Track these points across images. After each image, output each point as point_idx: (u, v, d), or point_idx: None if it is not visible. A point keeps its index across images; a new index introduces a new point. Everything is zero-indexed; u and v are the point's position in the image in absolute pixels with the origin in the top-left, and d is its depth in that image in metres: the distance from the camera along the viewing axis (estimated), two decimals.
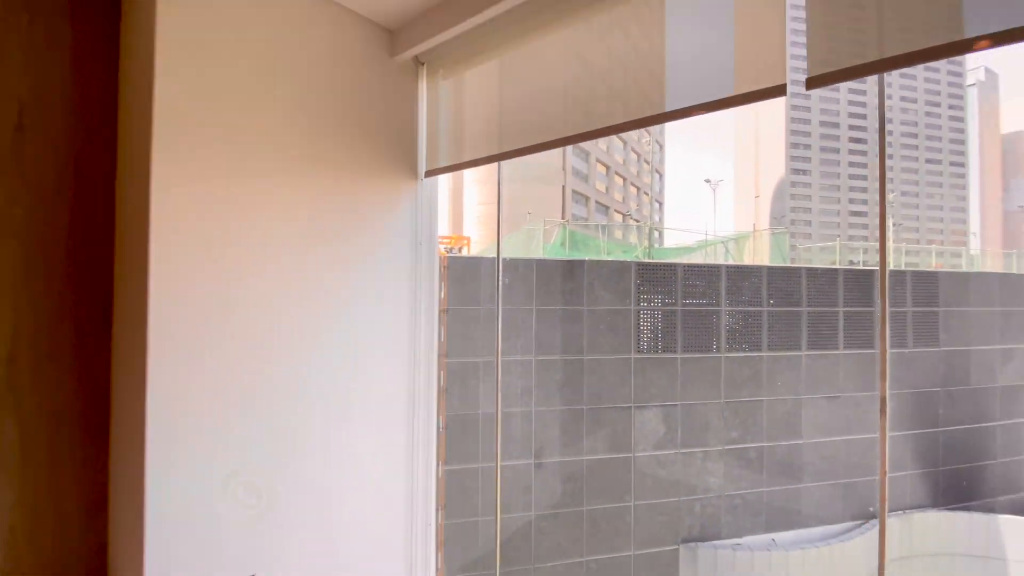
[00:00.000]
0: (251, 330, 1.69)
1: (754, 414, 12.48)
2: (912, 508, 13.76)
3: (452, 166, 2.01)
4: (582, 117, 1.60)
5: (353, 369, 1.94)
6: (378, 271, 1.99)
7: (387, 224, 2.01)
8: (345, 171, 1.91)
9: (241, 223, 1.67)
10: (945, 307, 14.05)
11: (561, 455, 10.86)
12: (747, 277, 12.77)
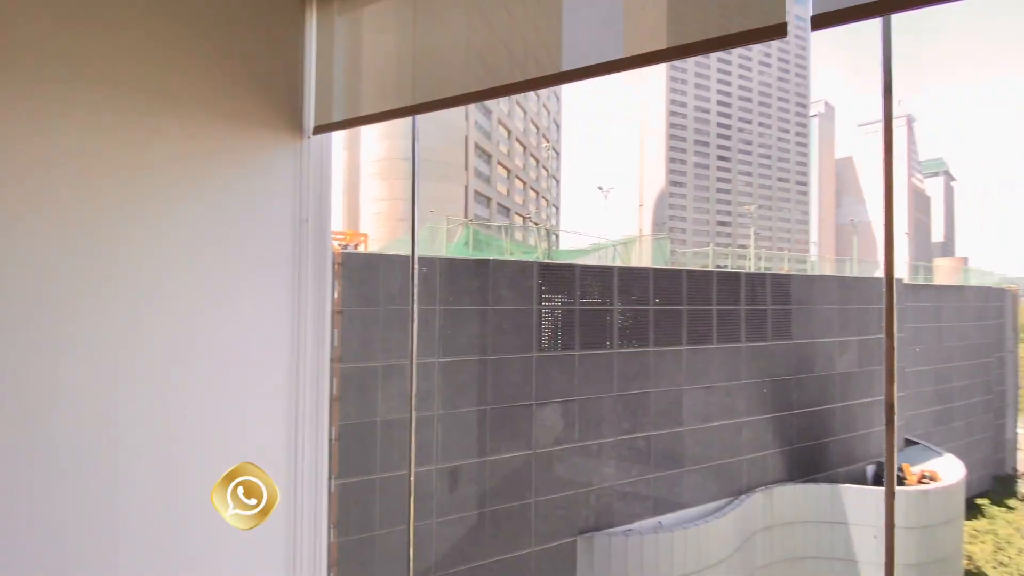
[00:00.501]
0: (41, 341, 1.22)
1: (642, 406, 13.37)
2: (773, 483, 15.75)
3: (348, 121, 1.61)
4: (493, 71, 1.41)
5: (218, 380, 1.55)
6: (249, 256, 1.55)
7: (261, 194, 1.54)
8: (204, 123, 1.42)
9: (31, 189, 1.17)
10: (796, 305, 16.30)
11: (464, 458, 10.65)
12: (636, 278, 13.63)
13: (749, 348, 15.33)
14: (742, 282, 15.47)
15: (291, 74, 1.62)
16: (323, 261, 1.69)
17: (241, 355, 1.60)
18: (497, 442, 10.98)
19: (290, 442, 1.76)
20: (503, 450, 11.10)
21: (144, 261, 1.36)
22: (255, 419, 1.67)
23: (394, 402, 9.94)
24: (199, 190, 1.44)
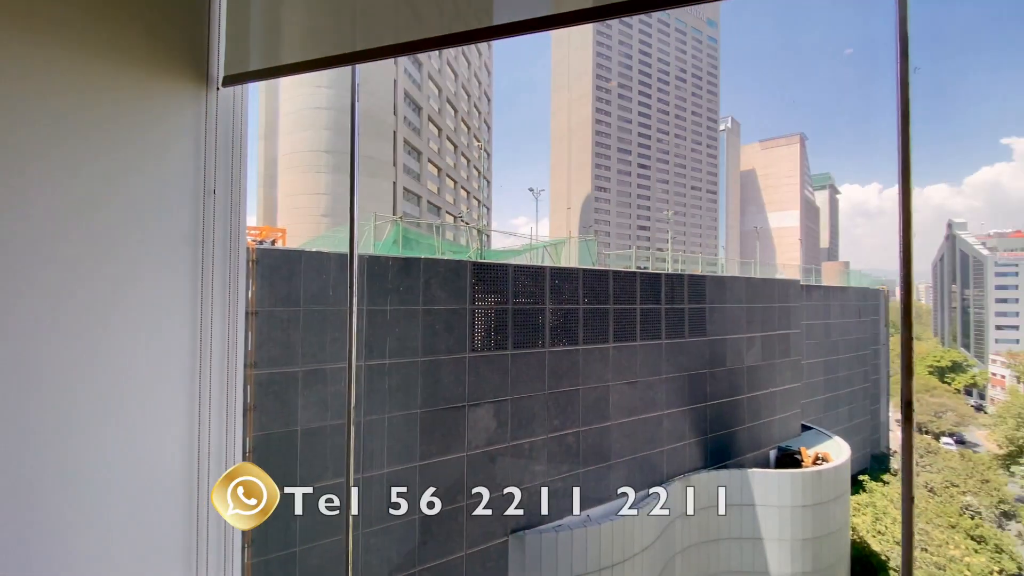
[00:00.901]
0: None
1: (572, 402, 13.65)
2: (690, 471, 16.75)
3: (269, 70, 1.31)
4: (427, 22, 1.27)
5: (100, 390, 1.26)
6: (136, 238, 1.21)
7: (152, 159, 1.20)
8: (76, 63, 1.06)
9: None
10: (709, 304, 17.47)
11: (393, 464, 10.23)
12: (567, 278, 13.90)
13: (669, 345, 16.20)
14: (662, 283, 16.31)
15: (195, 11, 1.27)
16: (235, 245, 1.38)
17: (127, 360, 1.30)
18: (429, 446, 10.68)
19: (191, 455, 1.49)
20: (435, 454, 10.81)
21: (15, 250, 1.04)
22: (147, 432, 1.39)
23: (315, 409, 9.32)
24: (68, 152, 1.09)
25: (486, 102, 61.98)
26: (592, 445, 14.04)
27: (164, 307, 1.29)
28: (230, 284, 1.44)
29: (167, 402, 1.42)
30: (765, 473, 17.65)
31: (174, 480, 1.45)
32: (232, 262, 1.40)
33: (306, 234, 31.08)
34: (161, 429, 1.41)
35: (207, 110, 1.29)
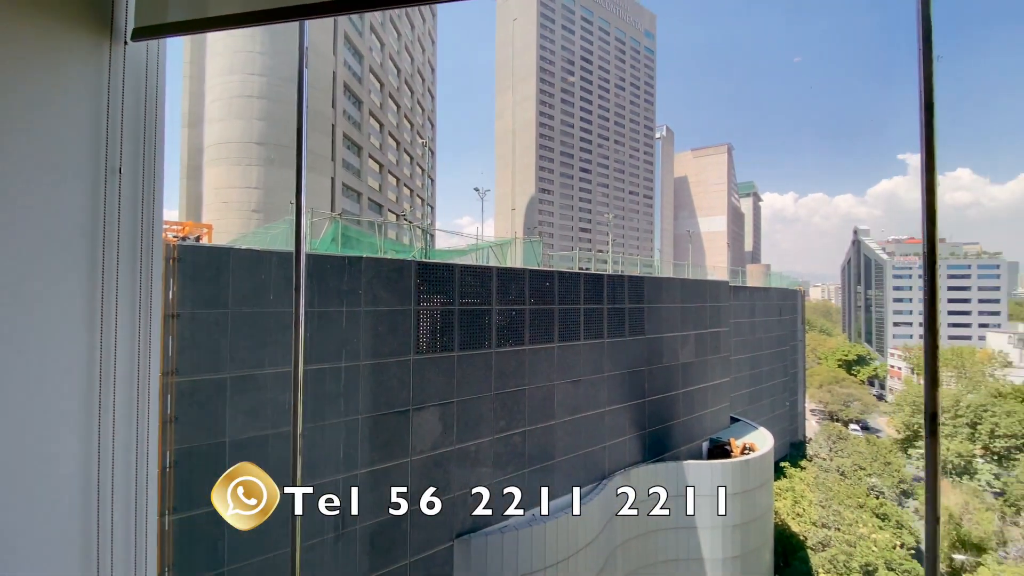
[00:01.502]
0: None
1: (518, 403, 13.67)
2: (630, 465, 17.31)
3: (192, 23, 1.02)
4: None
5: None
6: (18, 226, 0.95)
7: (40, 128, 0.94)
8: None
9: None
10: (648, 304, 18.15)
11: (334, 473, 9.75)
12: (513, 279, 13.91)
13: (610, 343, 16.65)
14: (605, 283, 16.73)
15: None
16: (148, 237, 1.14)
17: (3, 368, 1.05)
18: (371, 453, 10.27)
19: (88, 472, 1.26)
20: (378, 461, 10.42)
21: None
22: (31, 449, 1.15)
23: (247, 419, 8.69)
24: None
25: (430, 99, 61.04)
26: (538, 444, 14.13)
27: (52, 308, 1.04)
28: (141, 283, 1.23)
29: (56, 414, 1.18)
30: (698, 464, 18.59)
31: (68, 501, 1.22)
32: (144, 258, 1.17)
33: (235, 231, 29.09)
34: (46, 445, 1.17)
35: (111, 68, 1.02)
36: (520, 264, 18.63)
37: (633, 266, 36.18)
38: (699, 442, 20.77)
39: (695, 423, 20.42)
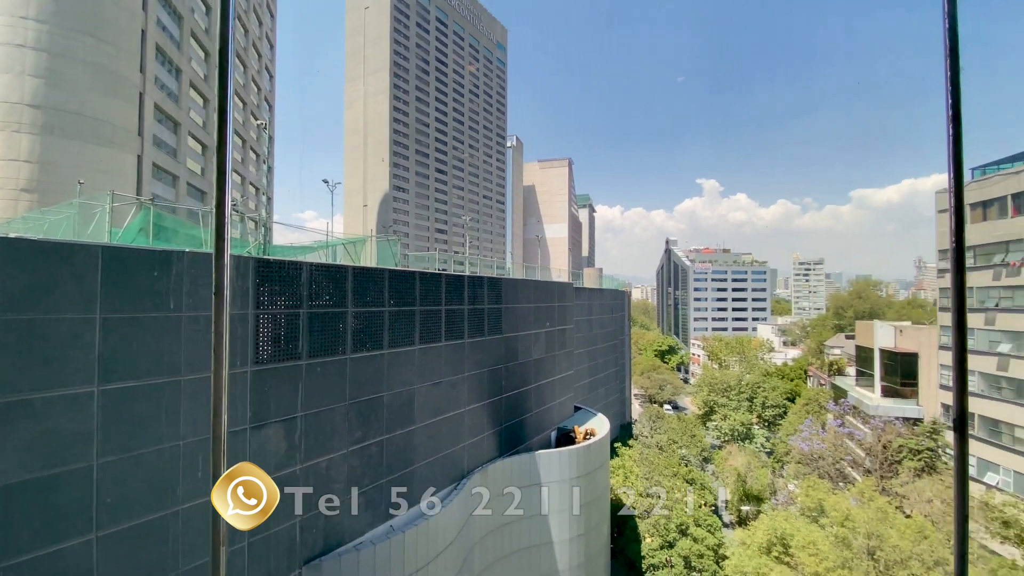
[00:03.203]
0: None
1: (376, 410, 12.96)
2: (488, 462, 17.69)
3: None
4: None
5: None
6: None
7: None
8: None
9: None
10: (506, 304, 18.80)
11: (142, 514, 8.00)
12: (371, 279, 13.14)
13: (470, 343, 16.83)
14: (465, 284, 16.85)
15: None
16: None
17: None
18: (194, 484, 8.68)
19: None
20: (200, 493, 8.85)
21: None
22: None
23: (17, 457, 6.65)
24: None
25: (267, 78, 54.71)
26: (397, 452, 13.58)
27: None
28: None
29: None
30: (548, 453, 19.83)
31: None
32: None
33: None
34: None
35: None
36: (374, 263, 17.75)
37: (488, 268, 37.25)
38: (548, 432, 22.20)
39: (545, 414, 21.80)
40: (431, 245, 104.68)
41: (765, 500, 37.21)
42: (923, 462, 31.08)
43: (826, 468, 35.76)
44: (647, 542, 28.86)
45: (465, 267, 31.61)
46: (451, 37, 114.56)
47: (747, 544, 25.26)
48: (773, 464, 43.65)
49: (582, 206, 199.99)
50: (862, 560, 21.18)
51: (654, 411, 50.97)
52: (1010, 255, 28.41)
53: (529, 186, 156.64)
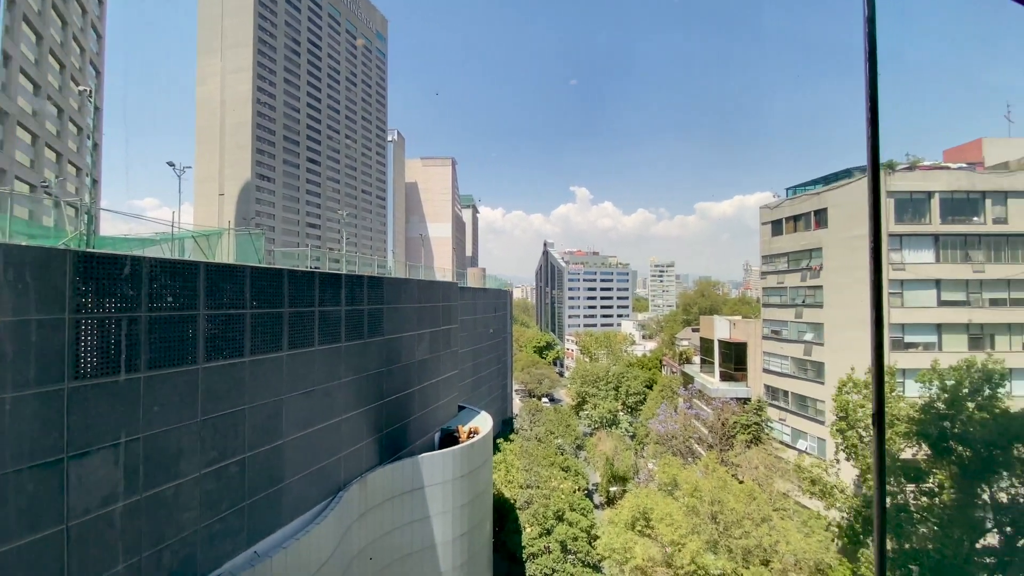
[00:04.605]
0: None
1: (236, 426, 11.56)
2: (367, 471, 16.82)
3: None
4: None
5: None
6: None
7: None
8: None
9: None
10: (388, 305, 18.07)
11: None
12: (229, 278, 11.67)
13: (348, 347, 15.87)
14: (343, 284, 15.84)
15: None
16: None
17: None
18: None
19: None
20: (5, 540, 7.08)
21: None
22: None
23: None
24: None
25: (94, 38, 45.72)
26: (262, 469, 12.26)
27: None
28: None
29: None
30: (431, 456, 19.54)
31: None
32: None
33: None
34: None
35: None
36: (233, 260, 15.84)
37: (368, 266, 35.53)
38: (432, 434, 21.90)
39: (429, 416, 21.44)
40: (302, 241, 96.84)
41: (629, 480, 41.04)
42: (751, 434, 36.87)
43: (678, 446, 40.58)
44: (527, 532, 30.00)
45: (342, 265, 29.77)
46: (326, 20, 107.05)
47: (615, 522, 27.59)
48: (636, 446, 48.32)
49: (466, 206, 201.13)
50: (707, 524, 24.44)
51: (533, 405, 53.23)
52: (812, 260, 35.06)
53: (412, 183, 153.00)
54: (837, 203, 33.12)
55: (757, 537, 23.00)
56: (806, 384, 35.10)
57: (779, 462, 32.45)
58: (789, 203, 37.98)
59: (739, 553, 22.98)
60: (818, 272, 34.47)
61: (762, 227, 41.01)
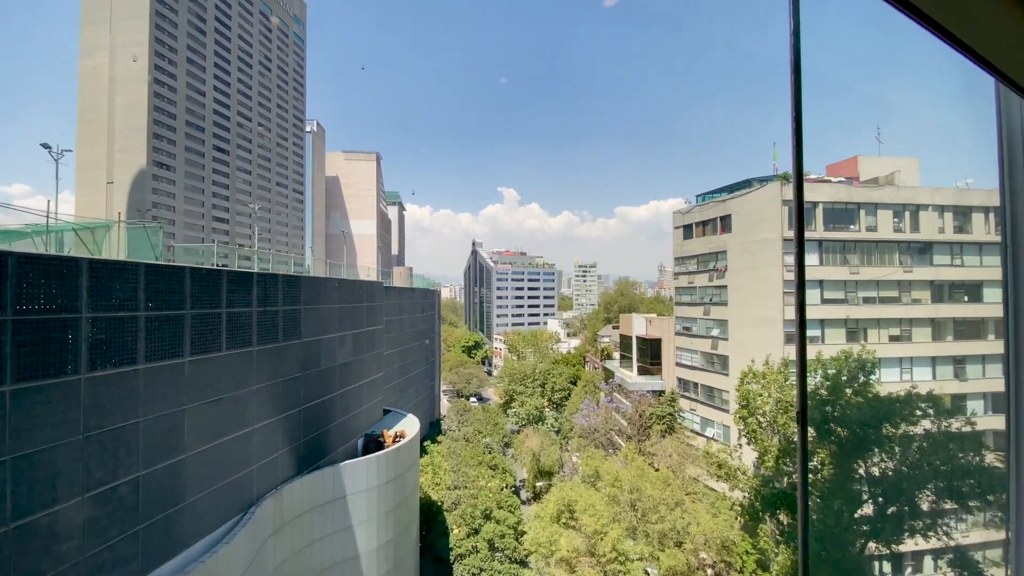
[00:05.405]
0: None
1: (127, 441, 10.36)
2: (283, 483, 15.78)
3: None
4: None
5: None
6: None
7: None
8: None
9: None
10: (305, 305, 17.07)
11: None
12: (118, 276, 10.43)
13: (261, 351, 14.81)
14: (254, 283, 14.75)
15: None
16: None
17: None
18: None
19: None
20: None
21: None
22: None
23: None
24: None
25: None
26: (159, 489, 11.10)
27: None
28: None
29: None
30: (354, 463, 18.79)
31: None
32: None
33: None
34: None
35: None
36: (125, 256, 14.22)
37: (284, 264, 33.42)
38: (355, 440, 21.04)
39: (351, 422, 20.56)
40: (208, 237, 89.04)
41: (555, 474, 42.14)
42: (666, 424, 39.34)
43: (600, 439, 42.33)
44: (455, 533, 29.78)
45: (254, 263, 27.78)
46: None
47: (541, 517, 28.19)
48: (561, 441, 49.73)
49: (392, 203, 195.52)
50: (627, 512, 25.72)
51: (461, 405, 52.93)
52: (718, 262, 38.11)
53: (333, 177, 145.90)
54: (739, 210, 36.26)
55: (671, 521, 24.58)
56: (713, 376, 38.08)
57: (690, 449, 34.91)
58: (699, 209, 40.98)
59: (656, 537, 24.43)
60: (723, 273, 37.54)
61: (675, 231, 43.90)
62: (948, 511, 22.65)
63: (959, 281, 33.00)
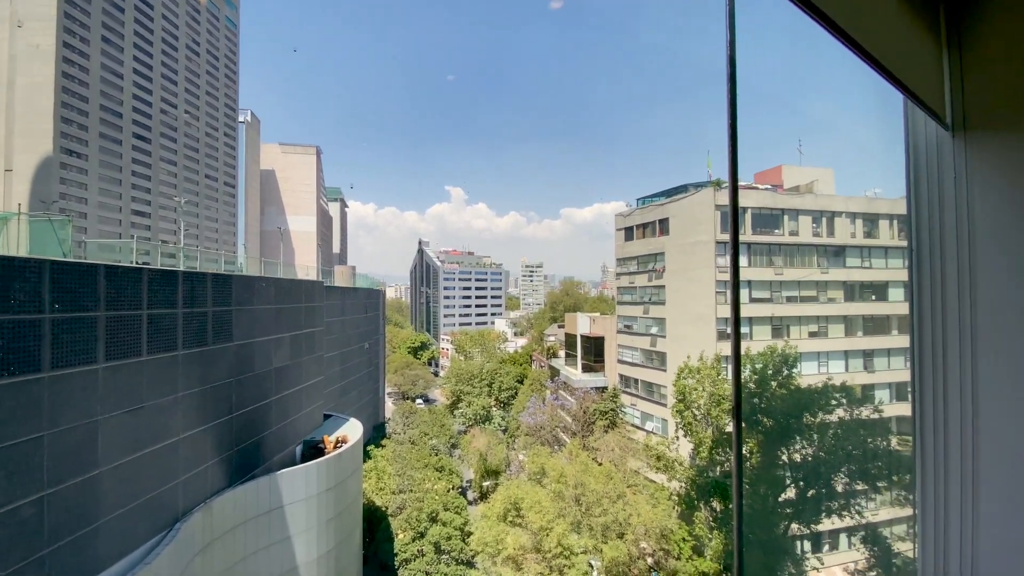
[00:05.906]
0: None
1: (31, 457, 9.36)
2: (213, 496, 14.79)
3: None
4: None
5: None
6: None
7: None
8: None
9: None
10: (237, 306, 16.11)
11: None
12: (18, 275, 9.40)
13: (187, 355, 13.84)
14: (180, 282, 13.76)
15: None
16: None
17: None
18: None
19: None
20: None
21: None
22: None
23: None
24: None
25: None
26: (69, 509, 10.11)
27: None
28: None
29: None
30: (291, 471, 17.97)
31: None
32: None
33: None
34: None
35: None
36: (26, 252, 12.84)
37: (213, 262, 31.35)
38: (293, 447, 20.14)
39: (288, 428, 19.63)
40: (126, 231, 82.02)
41: (502, 473, 42.34)
42: (608, 420, 40.60)
43: (546, 436, 43.00)
44: (400, 538, 29.20)
45: (179, 261, 25.89)
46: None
47: (488, 516, 28.23)
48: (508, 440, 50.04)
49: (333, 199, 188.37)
50: (572, 507, 26.30)
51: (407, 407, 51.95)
52: (657, 263, 39.82)
53: (269, 171, 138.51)
54: (675, 214, 38.07)
55: (614, 513, 25.41)
56: (652, 372, 39.74)
57: (631, 443, 36.24)
58: (639, 212, 42.62)
59: (599, 530, 25.15)
60: (661, 274, 39.26)
61: (617, 232, 45.41)
62: (860, 492, 24.96)
63: (868, 282, 36.41)
